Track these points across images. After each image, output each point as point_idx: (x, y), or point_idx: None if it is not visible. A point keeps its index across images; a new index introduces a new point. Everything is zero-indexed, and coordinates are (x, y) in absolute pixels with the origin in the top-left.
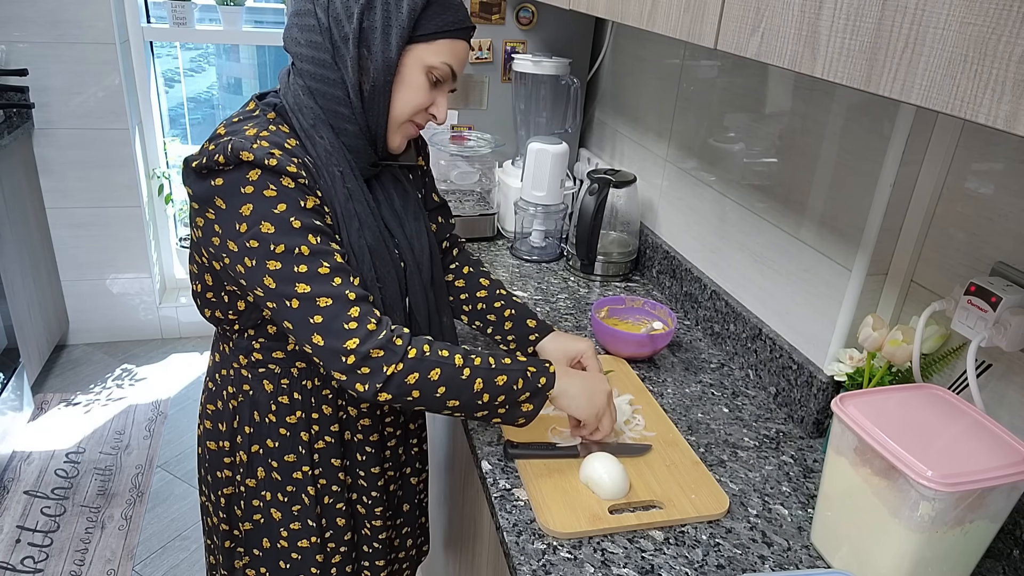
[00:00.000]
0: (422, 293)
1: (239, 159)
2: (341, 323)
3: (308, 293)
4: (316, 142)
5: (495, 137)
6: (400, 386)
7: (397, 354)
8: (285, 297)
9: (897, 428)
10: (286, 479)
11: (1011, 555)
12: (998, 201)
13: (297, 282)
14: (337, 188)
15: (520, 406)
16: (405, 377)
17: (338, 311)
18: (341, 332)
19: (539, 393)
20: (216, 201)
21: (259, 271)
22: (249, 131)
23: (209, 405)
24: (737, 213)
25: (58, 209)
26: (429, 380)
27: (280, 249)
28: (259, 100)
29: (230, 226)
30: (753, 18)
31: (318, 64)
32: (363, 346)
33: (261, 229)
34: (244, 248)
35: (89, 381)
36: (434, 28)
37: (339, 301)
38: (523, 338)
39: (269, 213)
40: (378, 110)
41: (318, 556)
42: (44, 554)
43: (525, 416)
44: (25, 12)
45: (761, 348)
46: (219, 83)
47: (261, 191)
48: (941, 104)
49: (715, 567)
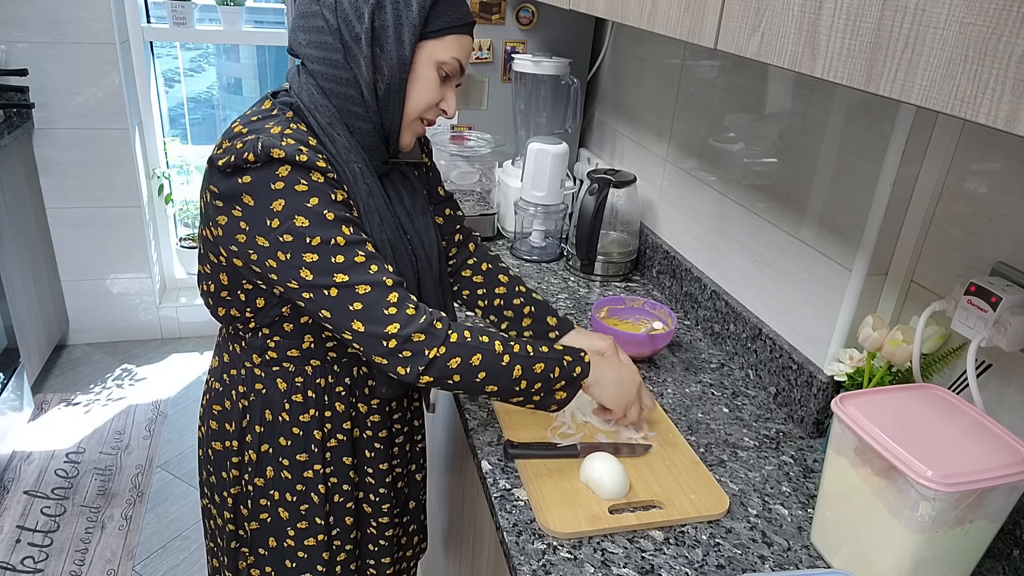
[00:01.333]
0: (433, 287)
1: (270, 156)
2: (381, 309)
3: (347, 282)
4: (334, 139)
5: (495, 137)
6: (442, 369)
7: (439, 338)
8: (324, 287)
9: (897, 428)
10: (296, 478)
11: (1011, 555)
12: (998, 201)
13: (335, 272)
14: (359, 184)
15: (555, 394)
16: (448, 360)
17: (377, 297)
18: (382, 317)
19: (574, 382)
20: (244, 198)
21: (294, 264)
22: (274, 129)
23: (215, 406)
24: (737, 213)
25: (58, 209)
26: (471, 365)
27: (316, 241)
28: (273, 98)
29: (259, 222)
30: (753, 18)
31: (329, 64)
32: (404, 330)
33: (295, 224)
34: (277, 243)
35: (89, 381)
36: (443, 24)
37: (377, 288)
38: (543, 335)
39: (302, 207)
40: (393, 108)
41: (324, 554)
42: (44, 554)
43: (558, 404)
44: (25, 12)
45: (761, 348)
46: (219, 83)
47: (292, 186)
48: (941, 104)
49: (715, 567)
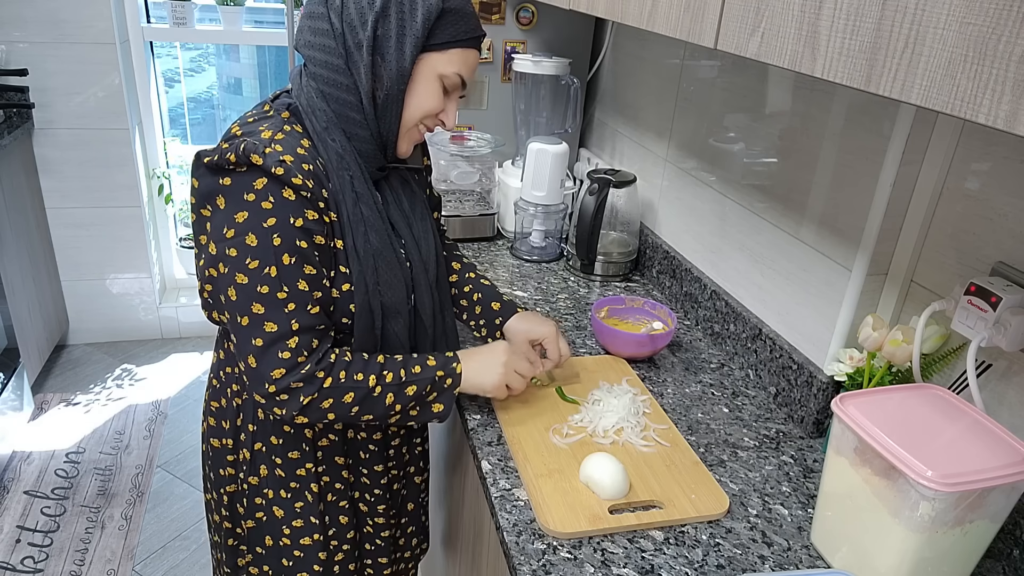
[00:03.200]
0: (428, 292)
1: (249, 161)
2: (276, 352)
3: (260, 315)
4: (328, 145)
5: (495, 137)
6: (316, 411)
7: (315, 385)
8: (239, 312)
9: (897, 428)
10: (289, 476)
11: (1011, 555)
12: (998, 201)
13: (255, 301)
14: (346, 192)
15: (431, 407)
16: (320, 403)
17: (278, 338)
18: (274, 360)
19: (447, 392)
20: (217, 199)
21: (227, 280)
22: (264, 133)
23: (213, 402)
24: (737, 213)
25: (58, 209)
26: (343, 403)
27: (253, 265)
28: (272, 101)
29: (219, 228)
30: (753, 18)
31: (331, 68)
32: (286, 377)
33: (246, 240)
34: (223, 254)
35: (89, 381)
36: (447, 37)
37: (283, 329)
38: (491, 322)
39: (258, 225)
40: (390, 117)
41: (320, 554)
42: (44, 554)
43: (438, 415)
44: (25, 12)
45: (761, 348)
46: (219, 83)
47: (260, 202)
48: (941, 104)
49: (715, 567)
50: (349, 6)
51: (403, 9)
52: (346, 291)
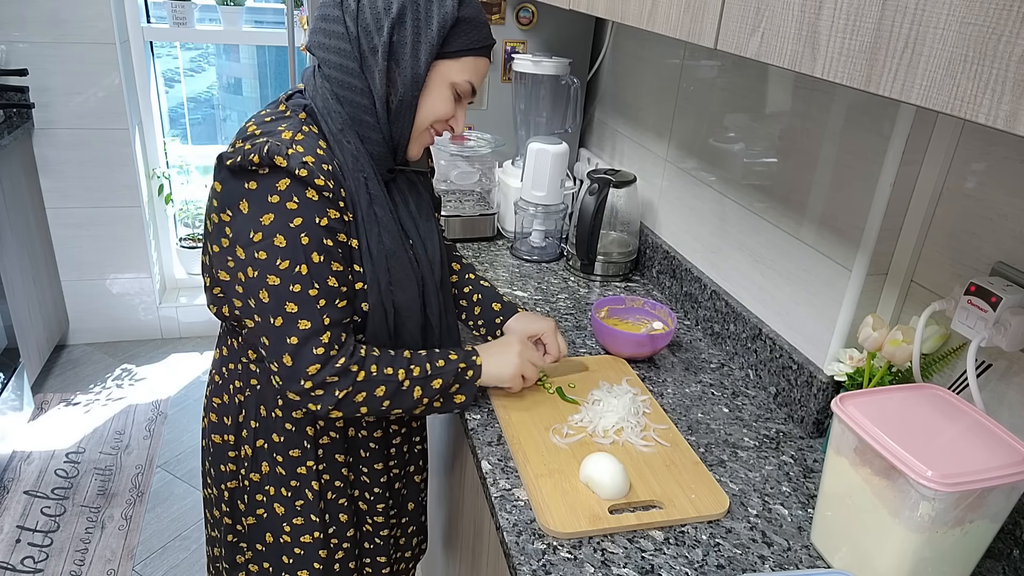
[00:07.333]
0: (435, 293)
1: (273, 163)
2: (311, 348)
3: (294, 314)
4: (344, 147)
5: (495, 137)
6: (350, 405)
7: (349, 379)
8: (272, 313)
9: (897, 428)
10: (290, 474)
11: (1011, 555)
12: (998, 201)
13: (288, 301)
14: (361, 193)
15: (453, 398)
16: (355, 397)
17: (311, 335)
18: (309, 356)
19: (468, 384)
20: (241, 204)
21: (259, 283)
22: (285, 133)
23: (215, 398)
24: (737, 213)
25: (58, 209)
26: (375, 396)
27: (284, 265)
28: (287, 100)
29: (244, 232)
30: (753, 18)
31: (345, 72)
32: (322, 372)
33: (274, 242)
34: (251, 257)
35: (89, 381)
36: (461, 45)
37: (316, 325)
38: (491, 322)
39: (285, 226)
40: (403, 122)
41: (321, 551)
42: (44, 554)
43: (460, 405)
44: (25, 12)
45: (761, 348)
46: (219, 83)
47: (285, 203)
48: (941, 104)
49: (715, 567)
50: (365, 11)
51: (419, 16)
52: (359, 290)
